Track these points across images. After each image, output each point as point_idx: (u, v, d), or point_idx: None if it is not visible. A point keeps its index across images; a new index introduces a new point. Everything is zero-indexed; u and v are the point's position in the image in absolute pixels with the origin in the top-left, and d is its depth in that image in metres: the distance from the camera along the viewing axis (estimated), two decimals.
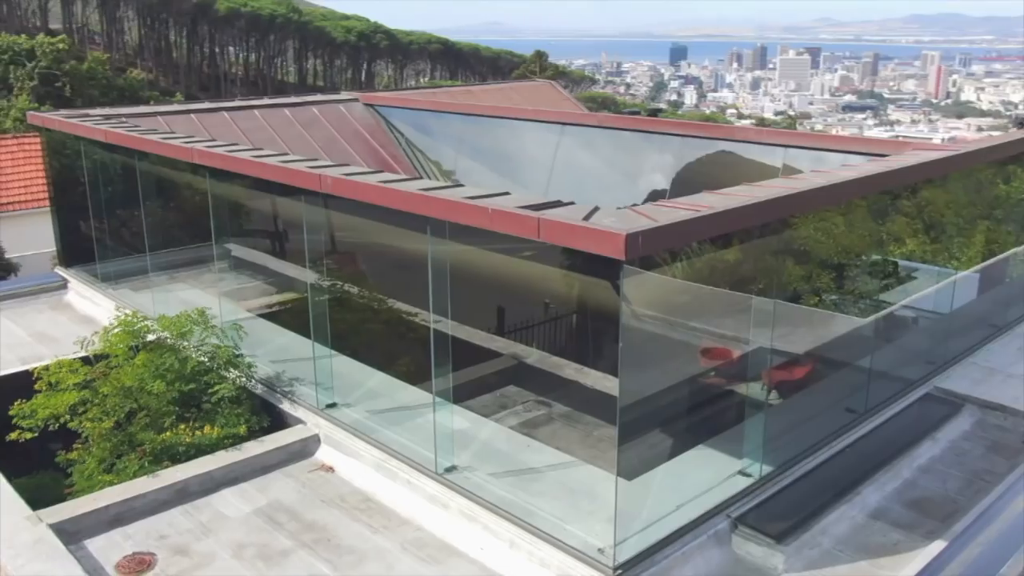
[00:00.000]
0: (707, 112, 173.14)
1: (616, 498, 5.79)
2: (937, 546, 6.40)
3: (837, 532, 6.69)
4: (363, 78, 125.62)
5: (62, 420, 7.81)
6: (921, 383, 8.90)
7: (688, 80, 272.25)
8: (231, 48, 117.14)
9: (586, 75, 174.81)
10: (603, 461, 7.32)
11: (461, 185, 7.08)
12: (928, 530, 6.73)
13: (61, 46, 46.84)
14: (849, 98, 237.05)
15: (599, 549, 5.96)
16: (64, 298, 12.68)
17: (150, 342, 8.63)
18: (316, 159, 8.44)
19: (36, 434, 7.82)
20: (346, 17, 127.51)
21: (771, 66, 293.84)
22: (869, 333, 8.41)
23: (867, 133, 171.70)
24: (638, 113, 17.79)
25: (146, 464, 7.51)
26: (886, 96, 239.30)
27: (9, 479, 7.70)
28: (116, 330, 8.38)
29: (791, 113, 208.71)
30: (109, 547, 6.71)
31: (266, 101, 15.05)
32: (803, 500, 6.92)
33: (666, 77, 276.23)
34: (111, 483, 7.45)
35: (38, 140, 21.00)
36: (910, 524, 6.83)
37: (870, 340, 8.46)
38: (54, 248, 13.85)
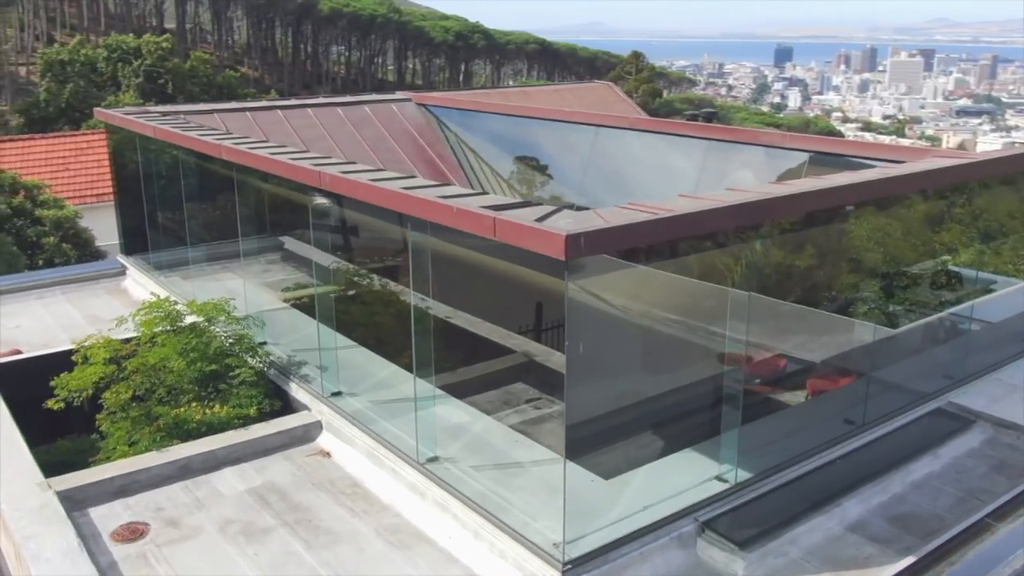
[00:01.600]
0: (810, 115, 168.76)
1: (564, 497, 5.91)
2: (906, 562, 6.27)
3: (808, 542, 6.61)
4: (461, 78, 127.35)
5: (89, 391, 8.36)
6: (934, 397, 8.64)
7: (792, 82, 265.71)
8: (333, 47, 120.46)
9: (685, 76, 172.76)
10: (587, 460, 7.44)
11: (450, 183, 7.28)
12: (905, 546, 6.58)
13: (165, 45, 49.31)
14: (964, 102, 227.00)
15: (554, 544, 6.08)
16: (122, 284, 13.49)
17: (182, 326, 9.13)
18: (330, 157, 8.79)
19: (62, 406, 8.39)
20: (445, 17, 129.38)
21: (881, 68, 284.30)
22: (871, 341, 8.22)
23: (981, 139, 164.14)
24: (696, 118, 17.63)
25: (158, 439, 7.99)
26: (1004, 100, 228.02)
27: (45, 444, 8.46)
28: (143, 313, 8.92)
29: (900, 117, 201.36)
30: (110, 516, 7.19)
31: (320, 100, 15.60)
32: (780, 508, 6.86)
33: (769, 79, 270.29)
34: (126, 455, 7.97)
35: None
36: (888, 539, 6.69)
37: (873, 348, 8.27)
38: None
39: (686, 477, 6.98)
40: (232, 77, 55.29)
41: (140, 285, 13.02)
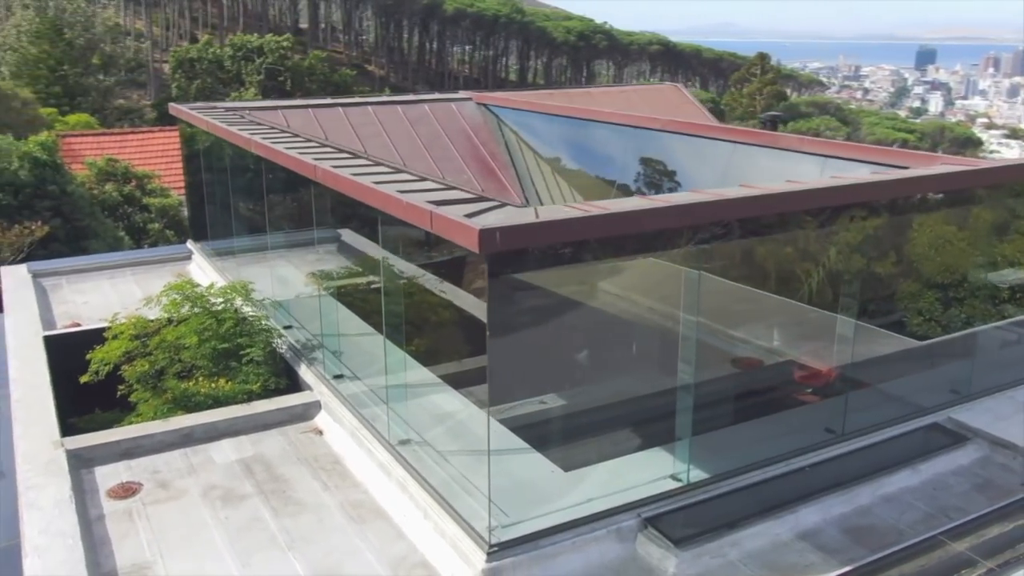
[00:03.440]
0: (952, 121, 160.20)
1: (489, 484, 6.15)
2: (840, 571, 6.20)
3: (751, 546, 6.61)
4: (583, 78, 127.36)
5: (113, 365, 9.13)
6: (933, 412, 8.38)
7: (934, 85, 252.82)
8: (457, 47, 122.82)
9: (815, 78, 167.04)
10: (554, 453, 7.67)
11: (412, 177, 7.59)
12: (850, 557, 6.48)
13: (285, 44, 51.78)
14: None
15: (488, 528, 6.33)
16: (186, 267, 14.47)
17: (205, 307, 9.81)
18: (341, 152, 9.27)
19: (93, 379, 9.19)
20: (568, 17, 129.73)
21: None
22: (852, 344, 8.06)
23: None
24: (766, 124, 17.35)
25: (166, 410, 8.67)
26: None
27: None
28: (166, 295, 9.65)
29: None
30: (111, 475, 7.88)
31: (381, 98, 16.23)
32: (732, 511, 6.87)
33: (909, 82, 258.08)
34: (136, 422, 8.68)
35: None
36: (836, 549, 6.61)
37: (857, 354, 8.10)
38: None
39: (641, 474, 7.08)
40: (348, 75, 57.48)
41: (201, 270, 13.95)
